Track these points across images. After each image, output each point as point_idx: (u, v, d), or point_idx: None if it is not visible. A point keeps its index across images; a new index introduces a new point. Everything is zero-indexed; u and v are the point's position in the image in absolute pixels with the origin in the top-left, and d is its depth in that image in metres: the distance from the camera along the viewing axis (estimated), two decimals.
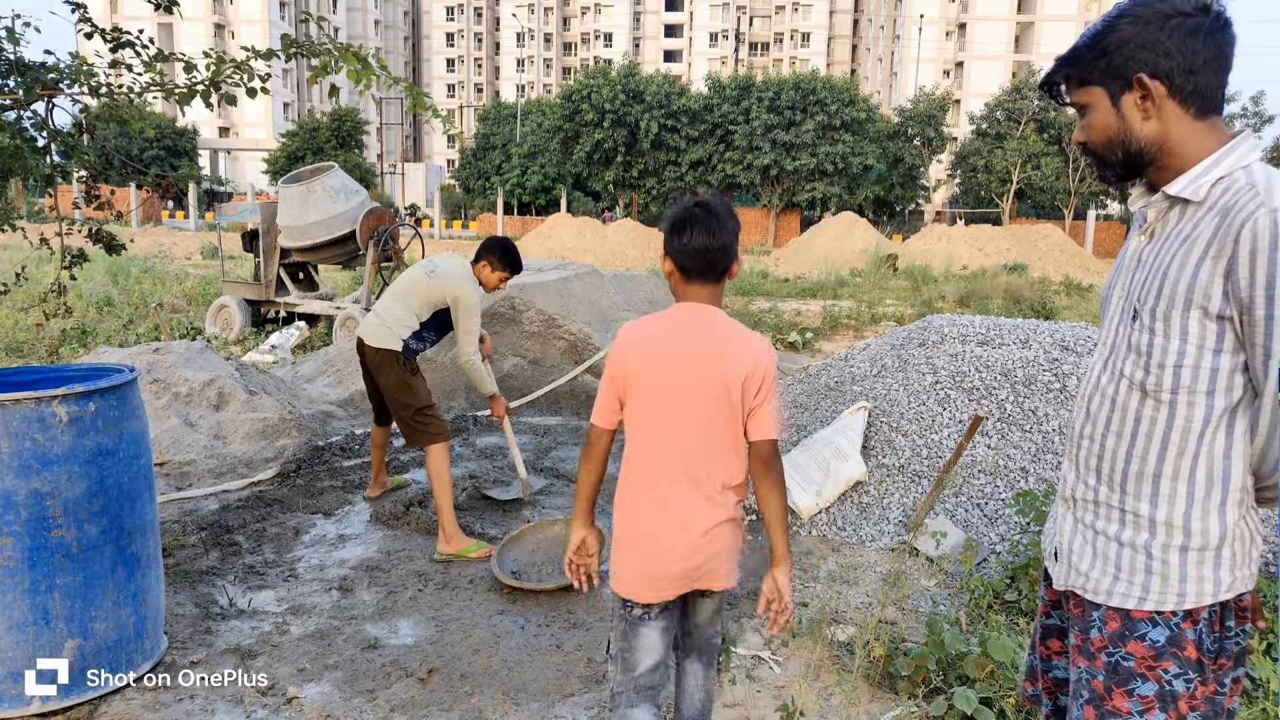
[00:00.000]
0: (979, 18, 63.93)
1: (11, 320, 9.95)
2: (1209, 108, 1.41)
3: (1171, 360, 1.39)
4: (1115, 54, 1.42)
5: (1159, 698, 1.42)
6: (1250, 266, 1.29)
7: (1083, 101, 1.49)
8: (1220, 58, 1.39)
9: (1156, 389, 1.42)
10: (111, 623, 2.70)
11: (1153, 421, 1.43)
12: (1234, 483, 1.40)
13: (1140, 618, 1.45)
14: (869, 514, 4.37)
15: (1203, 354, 1.37)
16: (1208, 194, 1.39)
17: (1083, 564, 1.53)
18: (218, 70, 3.64)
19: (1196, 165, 1.40)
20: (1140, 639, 1.44)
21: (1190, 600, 1.42)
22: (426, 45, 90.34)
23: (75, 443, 2.58)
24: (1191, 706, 1.42)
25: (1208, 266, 1.34)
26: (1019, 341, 5.11)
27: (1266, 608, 3.17)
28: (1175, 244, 1.40)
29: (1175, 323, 1.38)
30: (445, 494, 3.97)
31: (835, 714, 2.77)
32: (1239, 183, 1.35)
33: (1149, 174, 1.49)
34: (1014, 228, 29.81)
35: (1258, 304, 1.30)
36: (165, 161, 45.91)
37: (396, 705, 2.75)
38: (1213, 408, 1.39)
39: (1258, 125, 41.29)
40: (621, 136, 43.14)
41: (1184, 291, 1.36)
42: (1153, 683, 1.43)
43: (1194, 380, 1.38)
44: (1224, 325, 1.35)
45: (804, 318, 13.98)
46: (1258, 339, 1.32)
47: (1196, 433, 1.40)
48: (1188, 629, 1.42)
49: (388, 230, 9.82)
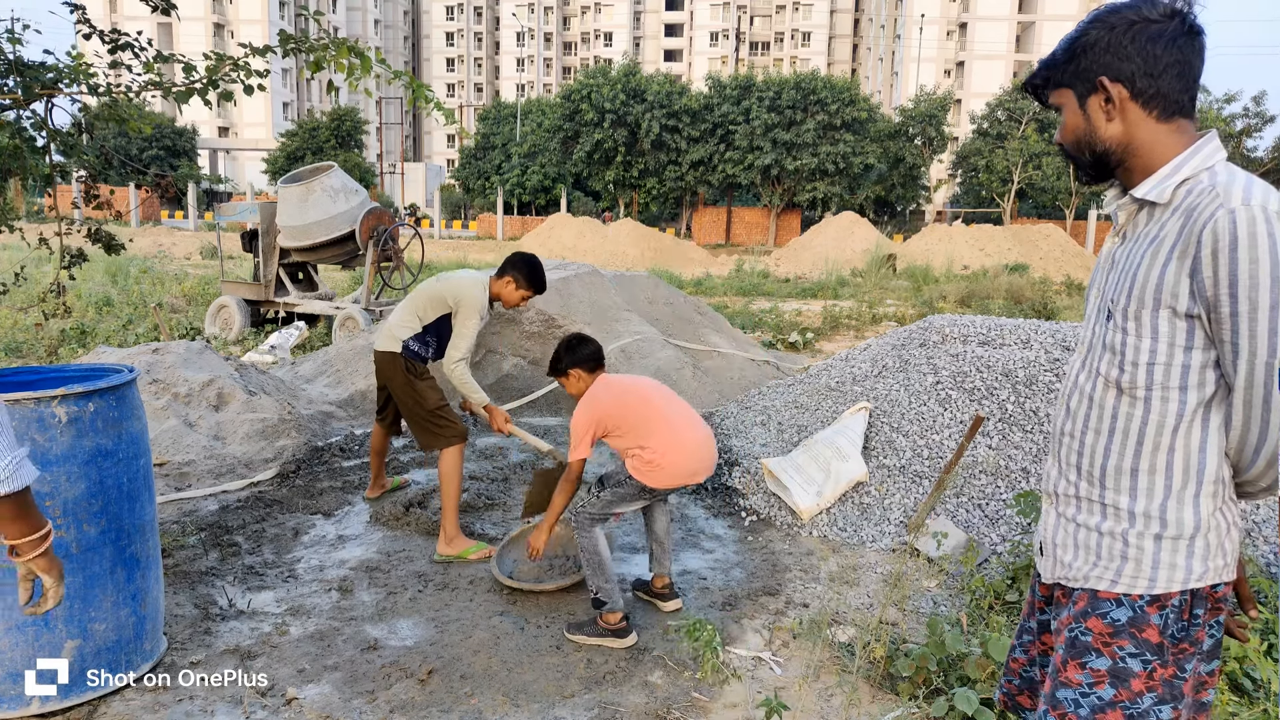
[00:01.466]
0: (980, 17, 63.90)
1: (11, 320, 9.95)
2: (1174, 111, 1.46)
3: (1144, 358, 1.44)
4: (1082, 57, 1.49)
5: (1110, 673, 1.46)
6: (1213, 266, 1.34)
7: (1058, 103, 1.57)
8: (1184, 62, 1.44)
9: (1131, 386, 1.46)
10: (111, 623, 2.70)
11: (1129, 418, 1.47)
12: (1208, 475, 1.44)
13: (1106, 597, 1.49)
14: (870, 514, 4.37)
15: (1174, 351, 1.41)
16: (1172, 196, 1.43)
17: (1066, 556, 1.58)
18: (215, 68, 3.63)
19: (1162, 168, 1.45)
20: (1101, 616, 1.49)
21: (1160, 586, 1.46)
22: (426, 45, 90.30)
23: (74, 443, 2.58)
24: (1149, 687, 1.45)
25: (1174, 267, 1.39)
26: (1020, 342, 5.10)
27: (1267, 608, 3.17)
28: (1144, 245, 1.45)
29: (1146, 322, 1.42)
30: (453, 496, 3.96)
31: (836, 715, 2.77)
32: (1202, 184, 1.39)
33: (1119, 175, 1.54)
34: (1015, 228, 29.79)
35: (1222, 302, 1.34)
36: (164, 161, 45.89)
37: (396, 706, 2.74)
38: (1186, 403, 1.43)
39: (1258, 125, 41.22)
40: (622, 136, 43.13)
41: (1153, 291, 1.41)
42: (1106, 658, 1.47)
43: (1166, 377, 1.43)
44: (1193, 323, 1.39)
45: (804, 318, 13.97)
46: (1225, 335, 1.36)
47: (1171, 428, 1.44)
48: (1152, 613, 1.46)
49: (387, 230, 9.82)
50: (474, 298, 3.97)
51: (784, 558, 4.06)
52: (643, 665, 3.04)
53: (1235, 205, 1.33)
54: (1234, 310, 1.33)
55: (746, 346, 9.15)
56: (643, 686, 2.90)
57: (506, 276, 4.01)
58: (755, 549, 4.17)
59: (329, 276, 15.71)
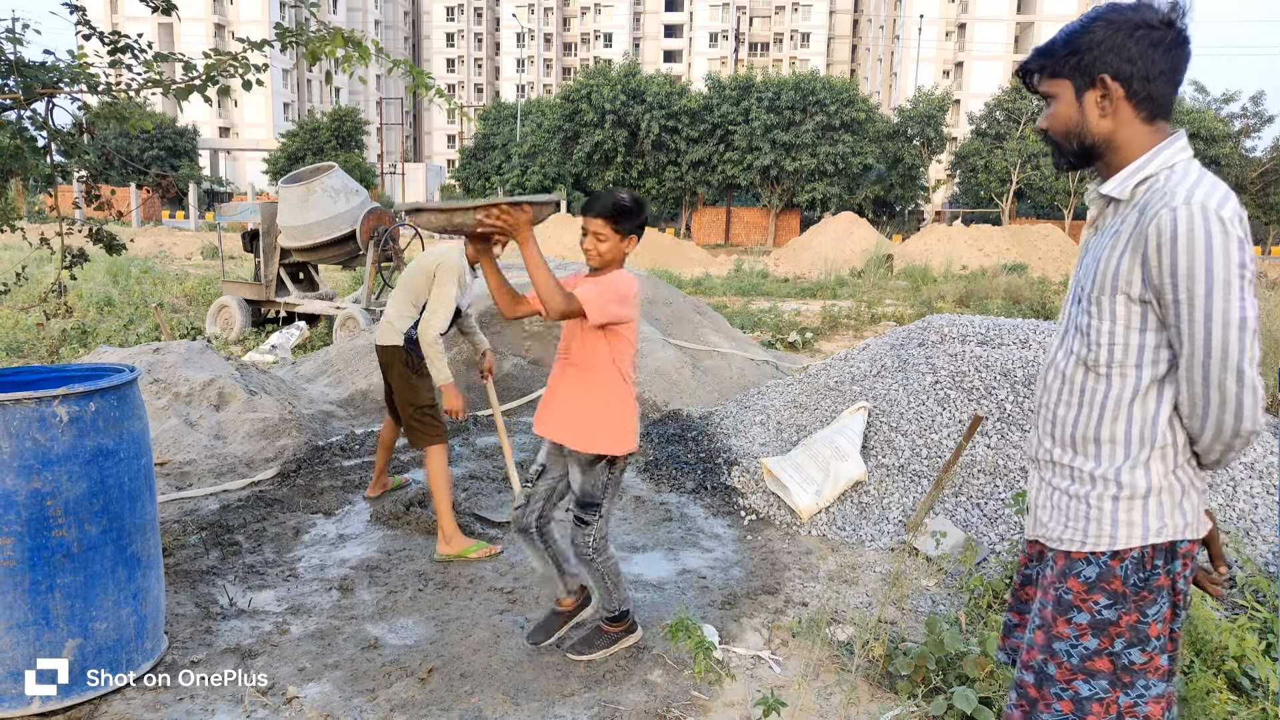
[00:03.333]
0: (979, 18, 63.90)
1: (12, 320, 9.95)
2: (1157, 114, 1.59)
3: (1105, 339, 1.60)
4: (1086, 53, 1.58)
5: (1091, 625, 1.65)
6: (1158, 258, 1.49)
7: (1051, 92, 1.66)
8: (1174, 70, 1.57)
9: (1095, 364, 1.63)
10: (112, 622, 2.70)
11: (1094, 392, 1.64)
12: (1159, 441, 1.60)
13: (1078, 558, 1.67)
14: (869, 514, 4.37)
15: (1130, 333, 1.57)
16: (1133, 194, 1.58)
17: (1044, 515, 1.75)
18: (215, 65, 3.63)
19: (1126, 167, 1.60)
20: (1076, 576, 1.67)
21: (1120, 542, 1.63)
22: (426, 45, 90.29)
23: (76, 443, 2.58)
24: (1119, 633, 1.64)
25: (1128, 258, 1.54)
26: (1018, 341, 5.11)
27: (1266, 607, 3.17)
28: (1107, 237, 1.61)
29: (1105, 306, 1.58)
30: (444, 495, 3.97)
31: (835, 713, 2.77)
32: (1159, 183, 1.54)
33: (1098, 168, 1.66)
34: (1013, 228, 29.82)
35: (1165, 291, 1.50)
36: (165, 161, 45.87)
37: (396, 705, 2.75)
38: (1141, 379, 1.59)
39: (1257, 125, 41.23)
40: (622, 137, 43.12)
41: (1110, 279, 1.57)
42: (1086, 613, 1.65)
43: (1124, 356, 1.59)
44: (1145, 308, 1.55)
45: (804, 318, 13.98)
46: (1170, 320, 1.52)
47: (1128, 400, 1.61)
48: (1115, 566, 1.64)
49: (388, 230, 9.83)
50: (452, 260, 3.95)
51: (783, 557, 4.06)
52: (642, 664, 3.04)
53: (1178, 204, 1.47)
54: (1175, 299, 1.49)
55: (746, 346, 9.15)
56: (642, 685, 2.91)
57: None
58: (754, 548, 4.18)
59: (329, 276, 15.71)
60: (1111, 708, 1.64)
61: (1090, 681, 1.65)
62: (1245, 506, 3.92)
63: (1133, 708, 1.64)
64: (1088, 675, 1.65)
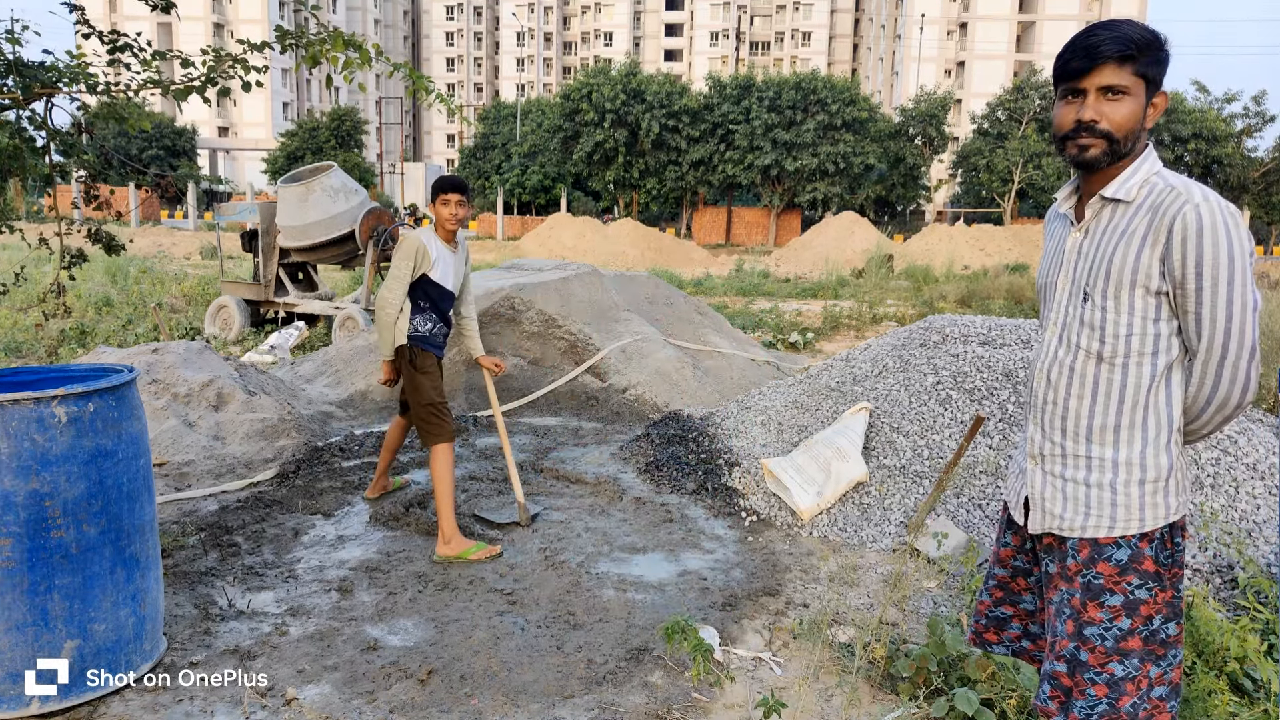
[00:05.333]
0: (980, 17, 63.87)
1: (11, 320, 9.95)
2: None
3: (1123, 331, 1.71)
4: (1165, 63, 1.71)
5: (1124, 606, 1.73)
6: (1182, 251, 1.62)
7: (1122, 84, 1.68)
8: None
9: (1112, 356, 1.73)
10: (111, 623, 2.70)
11: (1109, 382, 1.74)
12: (1174, 424, 1.74)
13: (1106, 543, 1.75)
14: (870, 515, 4.37)
15: (1146, 324, 1.70)
16: (1135, 195, 1.71)
17: (1055, 508, 1.82)
18: (214, 66, 3.62)
19: (1122, 173, 1.73)
20: (1107, 560, 1.75)
21: (1148, 524, 1.74)
22: (426, 45, 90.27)
23: (74, 443, 2.58)
24: (1156, 610, 1.73)
25: (1147, 253, 1.66)
26: (1020, 342, 5.10)
27: (1269, 609, 3.17)
28: (1114, 237, 1.72)
29: (1124, 300, 1.70)
30: (446, 496, 3.96)
31: (836, 715, 2.77)
32: (1158, 186, 1.69)
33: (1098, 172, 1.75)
34: (1015, 227, 29.80)
35: (1189, 280, 1.63)
36: (164, 161, 45.88)
37: (396, 706, 2.74)
38: (1156, 366, 1.71)
39: (1258, 125, 41.19)
40: (622, 136, 43.11)
41: (1129, 274, 1.68)
42: (1119, 595, 1.74)
43: (1141, 345, 1.71)
44: (1161, 299, 1.68)
45: (805, 318, 13.97)
46: (1190, 307, 1.65)
47: (1146, 387, 1.72)
48: (1145, 547, 1.74)
49: (387, 230, 9.82)
50: (407, 240, 4.06)
51: (784, 558, 4.05)
52: (643, 665, 3.03)
53: (1198, 201, 1.62)
54: (1199, 286, 1.62)
55: (747, 346, 9.14)
56: (643, 687, 2.90)
57: (430, 204, 4.16)
58: (755, 549, 4.17)
59: (329, 276, 15.71)
60: (1143, 682, 1.72)
61: (1124, 662, 1.72)
62: (1247, 507, 3.91)
63: (1162, 677, 1.73)
64: (1122, 656, 1.72)
